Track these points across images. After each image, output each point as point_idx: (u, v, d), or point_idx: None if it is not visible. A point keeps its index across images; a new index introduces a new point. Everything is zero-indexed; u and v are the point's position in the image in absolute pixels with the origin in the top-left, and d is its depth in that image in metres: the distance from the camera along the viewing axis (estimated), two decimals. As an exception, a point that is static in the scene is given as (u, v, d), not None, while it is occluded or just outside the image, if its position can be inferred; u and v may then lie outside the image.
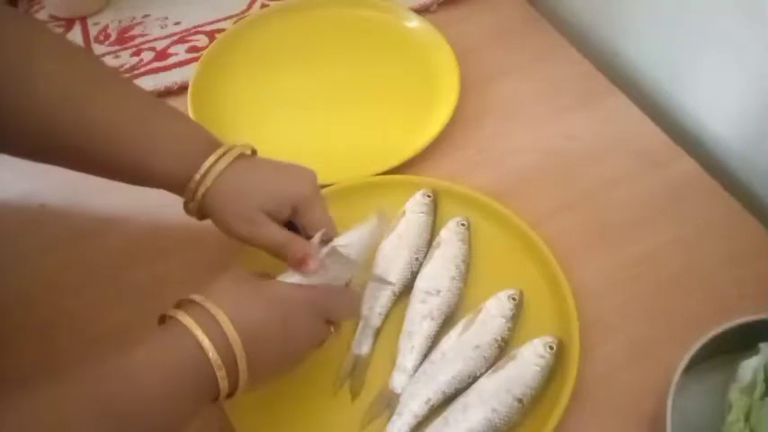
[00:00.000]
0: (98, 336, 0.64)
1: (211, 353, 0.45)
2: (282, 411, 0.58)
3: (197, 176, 0.55)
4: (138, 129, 0.56)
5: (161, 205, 0.73)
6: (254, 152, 0.60)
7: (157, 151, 0.56)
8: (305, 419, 0.59)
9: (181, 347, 0.45)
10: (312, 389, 0.60)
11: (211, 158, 0.55)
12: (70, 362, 0.62)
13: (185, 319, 0.46)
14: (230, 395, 0.48)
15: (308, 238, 0.56)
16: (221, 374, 0.45)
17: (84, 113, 0.54)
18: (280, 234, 0.56)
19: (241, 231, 0.56)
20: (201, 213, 0.58)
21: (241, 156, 0.57)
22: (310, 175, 0.59)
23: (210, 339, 0.45)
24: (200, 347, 0.45)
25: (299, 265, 0.53)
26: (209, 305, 0.47)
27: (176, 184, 0.56)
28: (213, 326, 0.46)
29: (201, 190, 0.55)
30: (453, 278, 0.64)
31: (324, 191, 0.70)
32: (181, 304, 0.48)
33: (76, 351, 0.63)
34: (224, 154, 0.56)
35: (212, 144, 0.57)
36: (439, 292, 0.63)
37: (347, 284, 0.58)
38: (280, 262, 0.56)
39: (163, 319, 0.48)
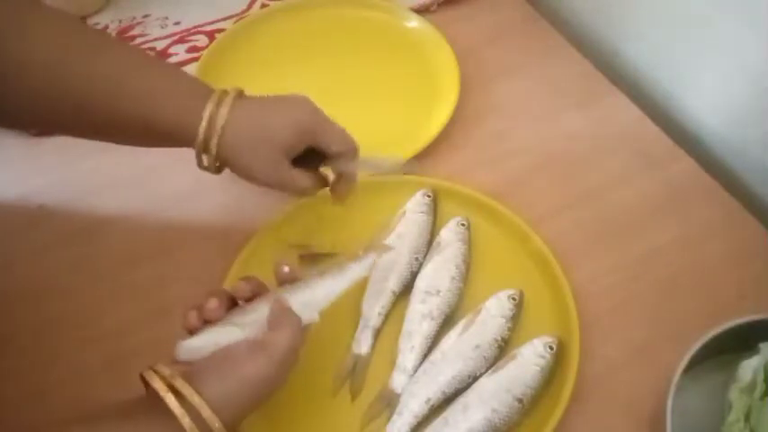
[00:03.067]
0: (98, 336, 0.64)
1: None
2: (282, 411, 0.58)
3: (202, 124, 0.55)
4: (138, 81, 0.56)
5: (161, 205, 0.73)
6: (241, 92, 0.60)
7: (159, 101, 0.55)
8: (305, 419, 0.59)
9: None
10: (312, 389, 0.60)
11: (210, 105, 0.56)
12: (70, 362, 0.62)
13: (174, 405, 0.45)
14: None
15: (332, 155, 0.61)
16: None
17: (85, 67, 0.54)
18: (305, 178, 0.60)
19: (270, 180, 0.59)
20: (217, 167, 0.59)
21: (237, 99, 0.58)
22: (305, 99, 0.61)
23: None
24: None
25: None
26: (197, 402, 0.45)
27: (180, 136, 0.56)
28: (198, 415, 0.45)
29: (213, 143, 0.56)
30: (453, 278, 0.64)
31: (324, 191, 0.70)
32: (162, 378, 0.46)
33: (75, 351, 0.63)
34: (221, 101, 0.56)
35: (206, 89, 0.58)
36: (439, 292, 0.63)
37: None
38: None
39: (143, 380, 0.47)
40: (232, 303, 0.52)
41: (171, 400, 0.45)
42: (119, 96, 0.55)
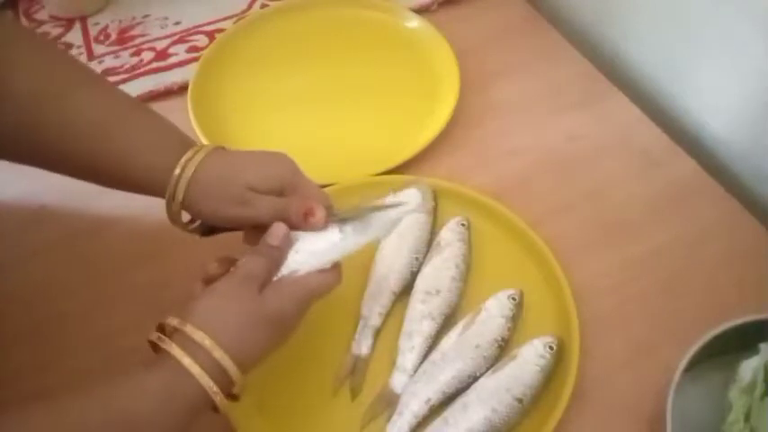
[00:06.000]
0: (98, 336, 0.64)
1: (214, 390, 0.45)
2: (283, 411, 0.58)
3: (177, 169, 0.53)
4: (116, 126, 0.55)
5: (161, 205, 0.73)
6: (223, 148, 0.58)
7: (136, 147, 0.55)
8: (305, 419, 0.59)
9: (181, 384, 0.45)
10: (312, 389, 0.60)
11: (189, 153, 0.54)
12: (70, 362, 0.62)
13: (178, 353, 0.46)
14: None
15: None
16: (219, 399, 0.46)
17: (62, 111, 0.53)
18: (277, 201, 0.55)
19: (233, 213, 0.54)
20: (186, 209, 0.55)
21: (216, 149, 0.56)
22: (289, 158, 0.58)
23: (209, 375, 0.45)
24: (200, 384, 0.45)
25: (306, 219, 0.54)
26: (201, 339, 0.46)
27: (155, 181, 0.54)
28: (209, 359, 0.46)
29: (183, 182, 0.53)
30: (453, 278, 0.64)
31: (324, 191, 0.70)
32: (165, 329, 0.48)
33: (76, 351, 0.63)
34: (201, 148, 0.55)
35: (188, 141, 0.57)
36: (439, 292, 0.63)
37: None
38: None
39: (153, 345, 0.48)
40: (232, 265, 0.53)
41: (172, 347, 0.46)
42: (95, 138, 0.54)
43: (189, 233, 0.58)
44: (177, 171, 0.53)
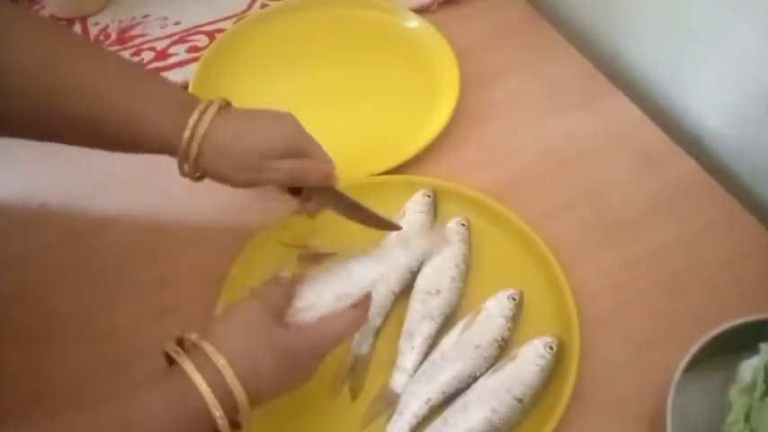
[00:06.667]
0: (98, 336, 0.64)
1: (217, 411, 0.45)
2: (282, 411, 0.58)
3: (186, 134, 0.55)
4: (124, 91, 0.56)
5: (161, 205, 0.73)
6: (228, 104, 0.59)
7: (142, 112, 0.55)
8: (305, 419, 0.59)
9: (186, 399, 0.45)
10: (312, 389, 0.60)
11: (195, 114, 0.55)
12: (70, 362, 0.62)
13: (190, 368, 0.46)
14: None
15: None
16: (223, 423, 0.46)
17: (67, 81, 0.54)
18: (290, 165, 0.57)
19: (245, 179, 0.57)
20: (197, 173, 0.58)
21: (221, 110, 0.57)
22: (290, 115, 0.60)
23: (216, 395, 0.45)
24: (205, 401, 0.45)
25: (324, 179, 0.58)
26: (216, 358, 0.46)
27: (165, 144, 0.56)
28: (219, 379, 0.46)
29: (194, 149, 0.55)
30: (453, 278, 0.64)
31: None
32: (184, 344, 0.48)
33: (76, 351, 0.63)
34: (205, 110, 0.56)
35: (192, 100, 0.58)
36: (439, 292, 0.63)
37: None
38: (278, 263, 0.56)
39: (167, 356, 0.48)
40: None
41: (185, 360, 0.45)
42: (104, 105, 0.55)
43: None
44: (187, 134, 0.55)
